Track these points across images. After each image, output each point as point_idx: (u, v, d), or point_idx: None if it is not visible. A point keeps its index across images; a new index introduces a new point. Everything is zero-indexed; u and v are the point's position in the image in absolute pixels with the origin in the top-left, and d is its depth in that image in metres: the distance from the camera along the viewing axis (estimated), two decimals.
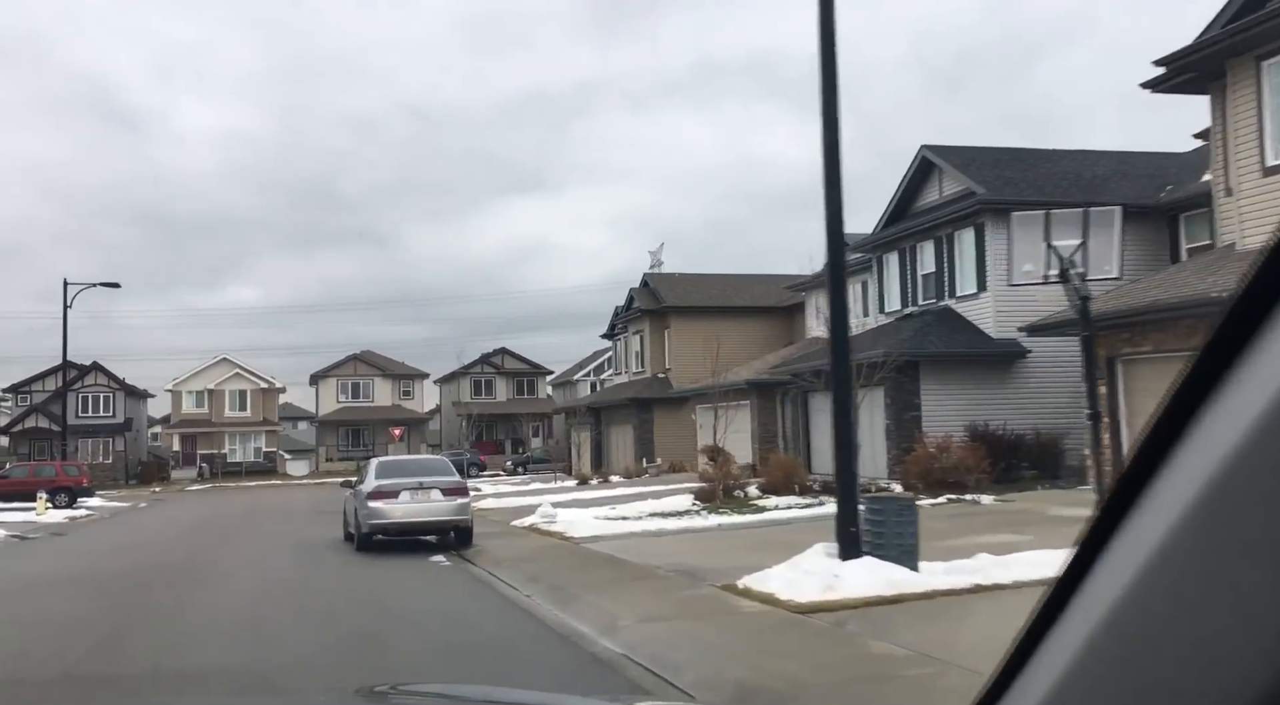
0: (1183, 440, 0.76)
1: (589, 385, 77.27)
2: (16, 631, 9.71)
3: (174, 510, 35.63)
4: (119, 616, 10.19)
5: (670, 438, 39.65)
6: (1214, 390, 0.74)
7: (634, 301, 43.52)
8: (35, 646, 8.74)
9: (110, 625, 9.70)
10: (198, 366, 68.97)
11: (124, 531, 24.84)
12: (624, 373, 49.12)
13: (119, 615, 10.26)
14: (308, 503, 36.63)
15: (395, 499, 15.76)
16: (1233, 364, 0.73)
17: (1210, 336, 0.74)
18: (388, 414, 71.23)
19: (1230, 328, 0.73)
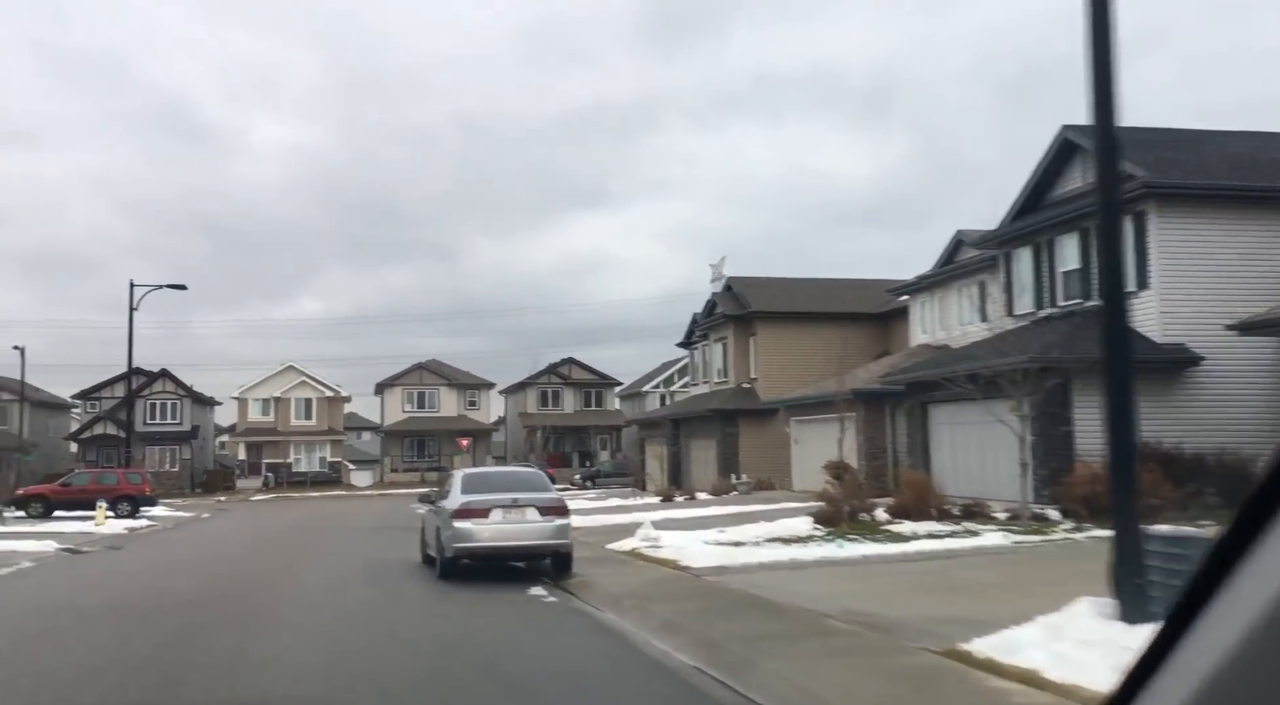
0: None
1: (659, 397, 74.98)
2: (25, 683, 7.60)
3: (237, 522, 33.99)
4: (152, 670, 8.02)
5: (756, 452, 37.10)
6: None
7: (716, 307, 41.08)
8: None
9: (137, 683, 7.54)
10: (264, 374, 68.06)
11: (182, 547, 23.03)
12: (702, 383, 46.69)
13: (152, 668, 8.10)
14: (375, 516, 34.77)
15: (485, 518, 13.52)
16: None
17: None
18: (453, 424, 69.61)
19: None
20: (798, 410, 31.55)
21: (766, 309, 38.24)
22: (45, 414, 68.63)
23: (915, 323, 31.72)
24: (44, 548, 21.44)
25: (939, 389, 23.12)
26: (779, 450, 36.99)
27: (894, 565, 12.92)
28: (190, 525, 33.03)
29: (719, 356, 41.27)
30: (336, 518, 33.85)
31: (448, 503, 14.21)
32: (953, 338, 28.35)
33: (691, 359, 49.26)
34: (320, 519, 33.39)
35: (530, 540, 13.67)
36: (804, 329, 38.15)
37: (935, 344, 29.31)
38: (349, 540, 23.09)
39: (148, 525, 31.22)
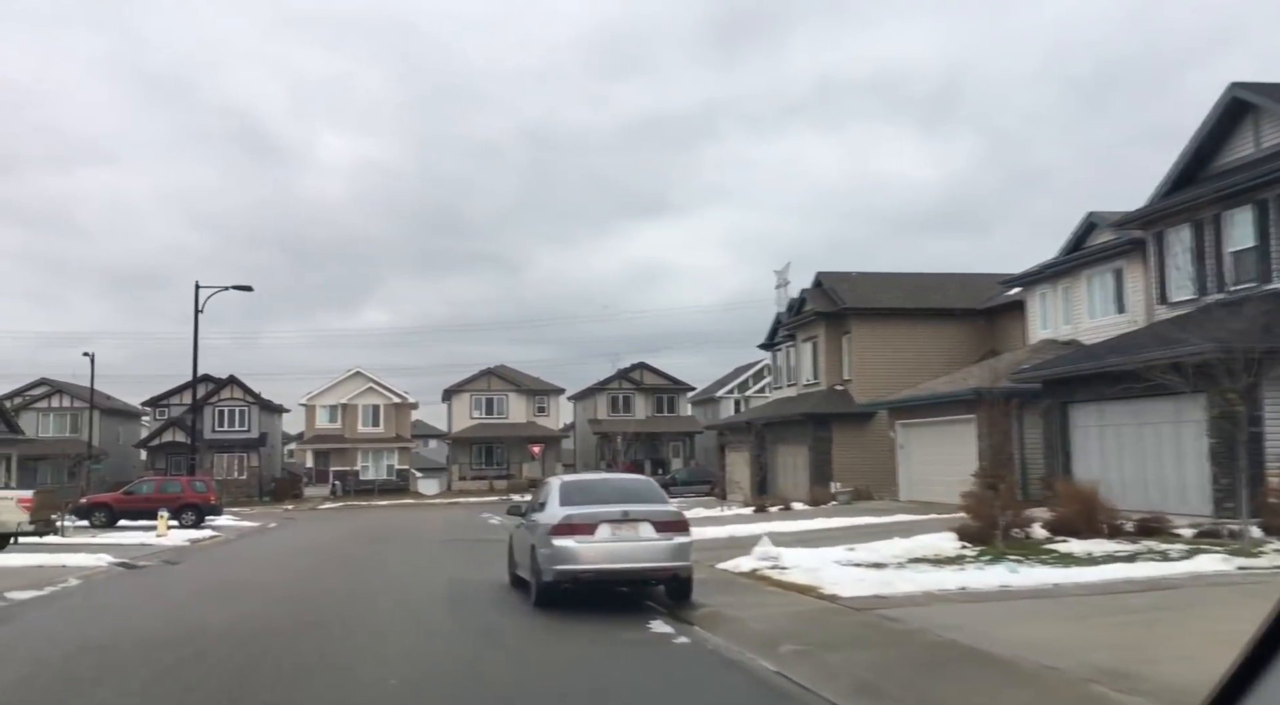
0: None
1: (733, 403, 72.45)
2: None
3: (303, 533, 32.30)
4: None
5: (851, 459, 34.45)
6: None
7: (804, 304, 38.53)
8: None
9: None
10: (331, 381, 67.02)
11: (244, 562, 21.21)
12: (787, 386, 44.12)
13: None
14: (446, 527, 32.83)
15: (591, 535, 11.26)
16: None
17: None
18: (522, 431, 67.85)
19: None
20: (904, 413, 28.90)
21: (861, 305, 35.59)
22: (116, 422, 68.46)
23: (1034, 317, 28.84)
24: (96, 562, 19.75)
25: (1083, 388, 20.36)
26: (877, 457, 34.29)
27: (1099, 598, 10.36)
28: (254, 536, 31.41)
29: (808, 357, 38.69)
30: (406, 529, 32.01)
31: (544, 516, 11.99)
32: (1081, 332, 25.49)
33: (774, 361, 46.72)
34: (389, 530, 31.56)
35: (645, 562, 11.36)
36: (901, 326, 35.46)
37: (1061, 339, 26.45)
38: (423, 555, 21.06)
39: (211, 536, 29.64)
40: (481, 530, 30.35)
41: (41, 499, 21.76)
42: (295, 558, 21.31)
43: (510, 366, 72.57)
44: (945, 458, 26.30)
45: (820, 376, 37.34)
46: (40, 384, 64.84)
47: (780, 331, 44.86)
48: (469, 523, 35.73)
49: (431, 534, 28.69)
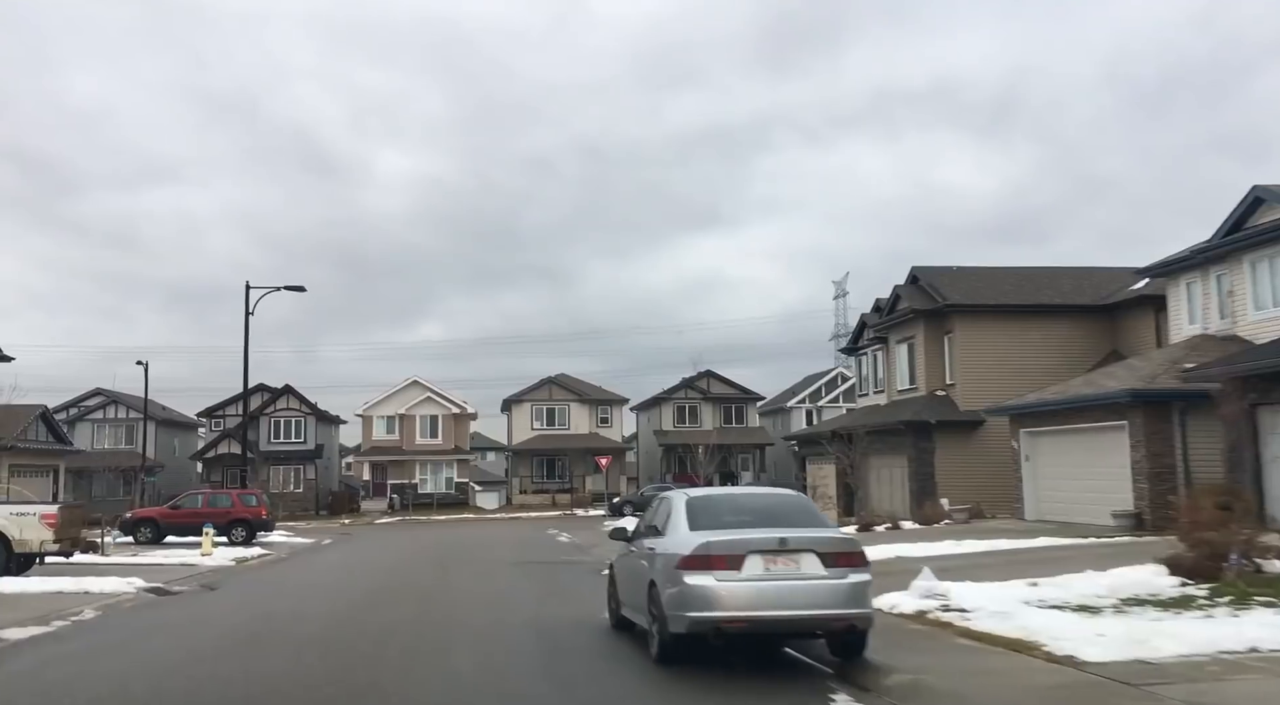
0: None
1: (804, 413, 69.08)
2: None
3: (359, 552, 29.76)
4: None
5: (957, 472, 31.06)
6: None
7: (898, 303, 35.25)
8: None
9: None
10: (388, 391, 64.96)
11: (290, 590, 18.56)
12: (874, 393, 40.80)
13: None
14: (513, 545, 30.08)
15: (737, 571, 8.27)
16: None
17: None
18: (584, 442, 65.10)
19: None
20: (1030, 420, 25.53)
21: (966, 302, 32.23)
22: (172, 433, 67.12)
23: (1178, 311, 25.31)
24: (125, 587, 17.24)
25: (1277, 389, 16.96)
26: (987, 469, 30.90)
27: None
28: (307, 555, 28.93)
29: (903, 360, 35.37)
30: (471, 548, 29.31)
31: (668, 543, 9.04)
32: (1244, 327, 21.95)
33: (859, 367, 43.42)
34: (453, 549, 28.90)
35: (812, 608, 8.29)
36: (1011, 325, 32.03)
37: (1216, 335, 22.94)
38: (496, 582, 18.23)
39: (260, 555, 27.19)
40: (554, 550, 27.56)
41: (68, 515, 19.35)
42: (348, 584, 18.62)
43: (571, 376, 70.00)
44: (1086, 471, 22.93)
45: (918, 381, 34.01)
46: (95, 394, 63.68)
47: (866, 334, 41.59)
48: (537, 541, 33.00)
49: (500, 554, 25.95)
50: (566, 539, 33.18)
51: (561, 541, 32.21)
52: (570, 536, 34.43)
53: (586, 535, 34.20)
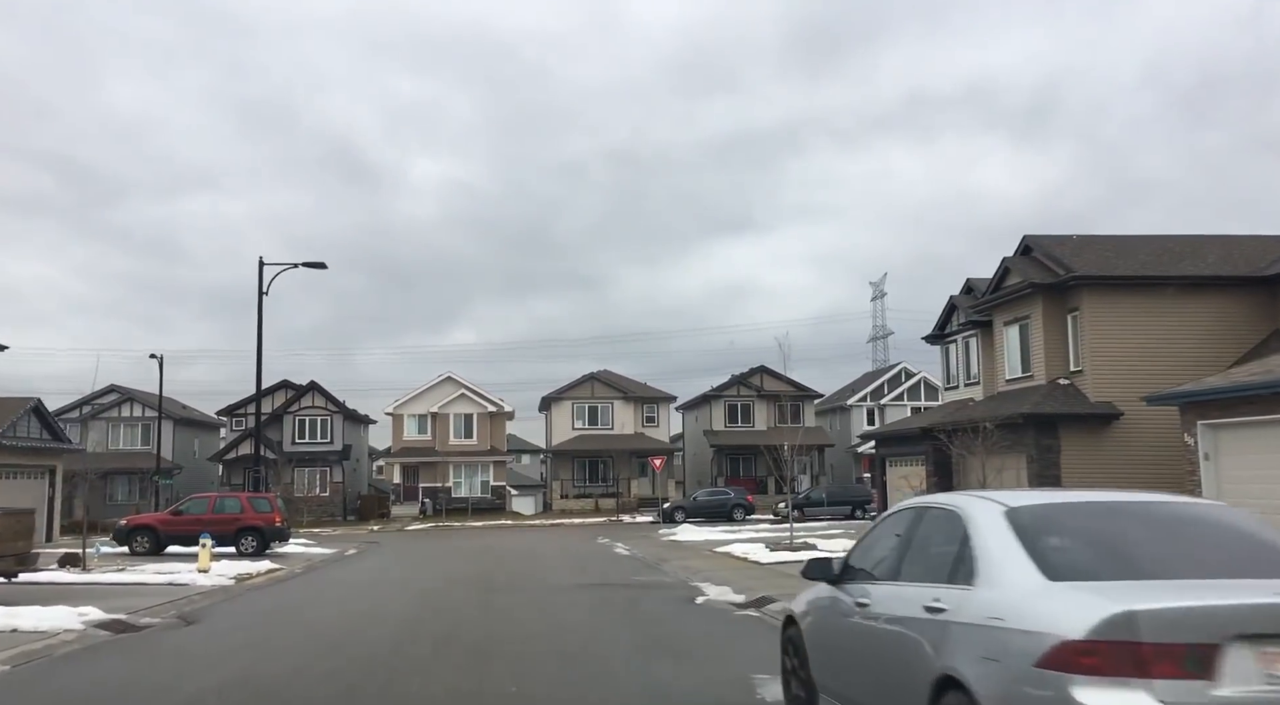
0: None
1: (865, 412, 64.23)
2: None
3: (386, 566, 25.38)
4: None
5: (1088, 473, 26.18)
6: None
7: (1006, 277, 30.43)
8: None
9: None
10: (420, 387, 60.81)
11: (289, 624, 14.10)
12: (966, 385, 35.96)
13: None
14: (567, 559, 25.59)
15: (1206, 677, 3.67)
16: None
17: None
18: (629, 443, 60.60)
19: None
20: (1212, 410, 20.67)
21: (1097, 274, 27.36)
22: (191, 433, 63.38)
23: None
24: (72, 621, 12.95)
25: None
26: (1124, 469, 26.09)
27: None
28: (324, 570, 24.57)
29: (1014, 345, 30.48)
30: (517, 562, 24.86)
31: (987, 601, 4.42)
32: None
33: (944, 358, 38.56)
34: (496, 563, 24.45)
35: None
36: (1151, 301, 27.13)
37: None
38: (563, 619, 13.59)
39: (268, 571, 22.88)
40: (616, 566, 23.07)
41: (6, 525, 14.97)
42: (365, 620, 14.14)
43: (615, 372, 65.55)
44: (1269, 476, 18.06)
45: (1034, 368, 29.14)
46: (109, 391, 60.02)
47: (956, 319, 36.74)
48: (591, 553, 28.52)
49: (554, 571, 21.45)
50: (625, 551, 28.67)
51: (620, 553, 27.70)
52: (627, 547, 29.92)
53: (645, 547, 29.67)
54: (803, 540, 25.65)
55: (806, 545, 24.94)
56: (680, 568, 21.45)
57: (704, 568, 20.92)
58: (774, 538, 30.40)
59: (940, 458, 34.64)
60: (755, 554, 23.74)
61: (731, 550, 25.11)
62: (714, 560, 23.24)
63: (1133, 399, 26.62)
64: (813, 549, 24.45)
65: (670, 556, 24.94)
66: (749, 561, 22.07)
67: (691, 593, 16.31)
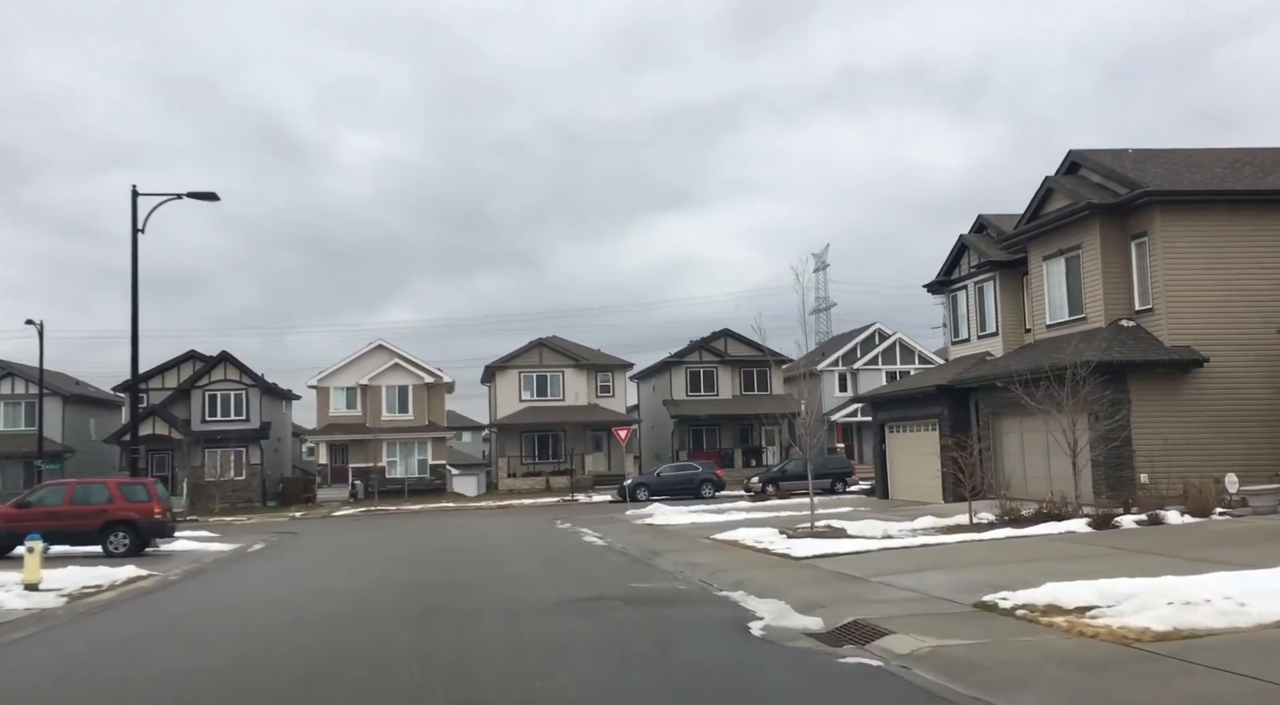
0: None
1: (837, 377, 59.53)
2: None
3: (295, 568, 19.60)
4: None
5: (1164, 435, 21.36)
6: None
7: (1048, 199, 25.51)
8: None
9: None
10: (349, 356, 54.48)
11: (94, 691, 8.36)
12: (980, 337, 31.22)
13: None
14: (529, 553, 20.05)
15: None
16: None
17: None
18: (583, 415, 55.06)
19: None
20: None
21: (1175, 188, 22.50)
22: (86, 412, 56.23)
23: None
24: None
25: None
26: (1210, 426, 21.49)
27: None
28: (208, 579, 18.66)
29: (1056, 282, 25.54)
30: (465, 558, 19.26)
31: None
32: None
33: (951, 307, 33.71)
34: (439, 561, 18.85)
35: None
36: (1240, 222, 22.43)
37: None
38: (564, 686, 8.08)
39: (128, 580, 16.96)
40: (597, 562, 17.63)
41: None
42: (227, 677, 8.49)
43: (565, 338, 59.86)
44: None
45: (1090, 308, 24.24)
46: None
47: (968, 260, 31.86)
48: (556, 542, 23.07)
49: (521, 574, 15.89)
50: (597, 539, 23.25)
51: (593, 543, 22.27)
52: (597, 534, 24.53)
53: (620, 533, 24.31)
54: (825, 523, 20.43)
55: (832, 529, 19.76)
56: (685, 565, 16.10)
57: (719, 565, 15.59)
58: (778, 518, 25.21)
59: (958, 420, 29.81)
60: (773, 542, 18.49)
61: (738, 537, 19.84)
62: (723, 553, 17.90)
63: (1218, 342, 21.93)
64: (843, 535, 19.29)
65: (661, 547, 19.59)
66: (774, 555, 16.77)
67: (735, 613, 10.95)
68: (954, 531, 19.29)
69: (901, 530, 20.09)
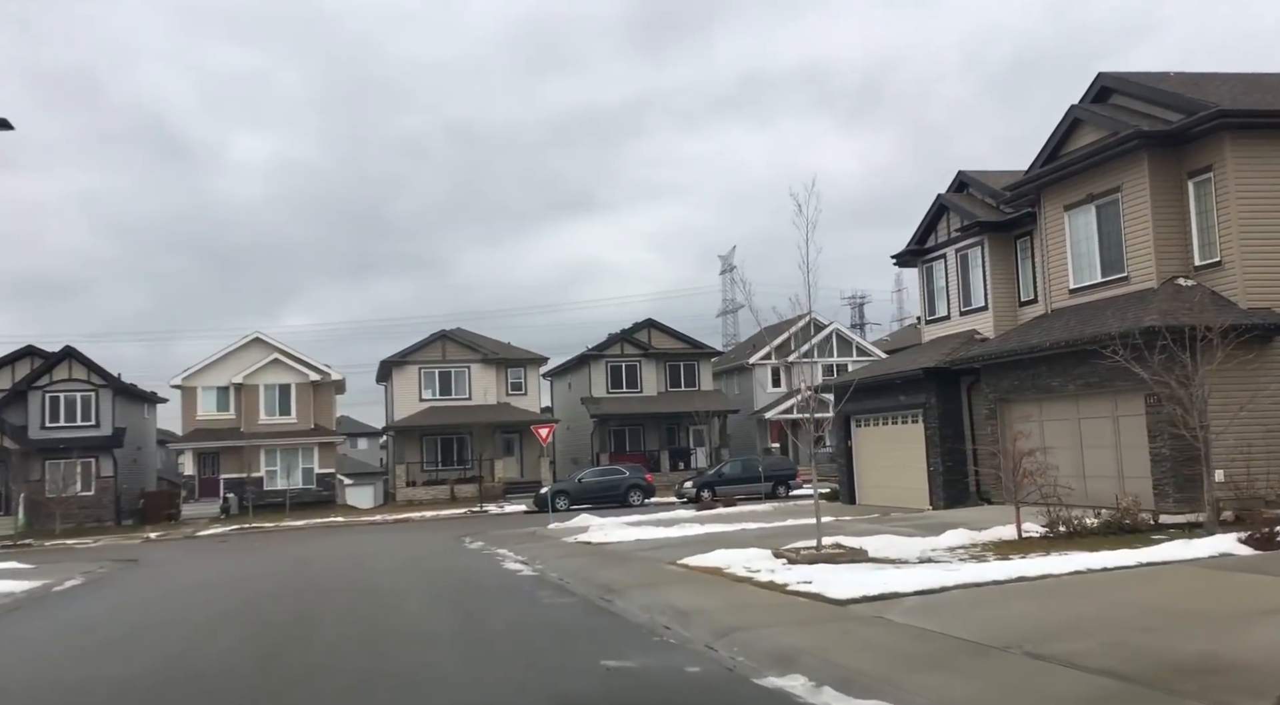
0: None
1: (770, 372, 54.87)
2: None
3: (96, 627, 13.39)
4: None
5: (1251, 420, 16.81)
6: None
7: (1074, 133, 20.90)
8: None
9: None
10: (220, 351, 47.44)
11: None
12: (962, 314, 26.73)
13: None
14: (430, 591, 14.26)
15: None
16: None
17: None
18: (492, 415, 49.12)
19: None
20: None
21: (1256, 108, 18.03)
22: None
23: None
24: None
25: None
26: None
27: None
28: None
29: (1085, 234, 20.89)
30: (342, 603, 13.41)
31: None
32: None
33: (926, 280, 29.10)
34: (301, 611, 12.99)
35: None
36: None
37: None
38: None
39: None
40: (536, 613, 11.98)
41: None
42: None
43: (471, 330, 53.80)
44: None
45: (1134, 264, 19.60)
46: None
47: (947, 225, 27.31)
48: (464, 569, 17.34)
49: (420, 630, 10.21)
50: (523, 567, 17.61)
51: (521, 575, 16.60)
52: (521, 558, 18.94)
53: (549, 556, 18.75)
54: (832, 540, 15.20)
55: (847, 550, 14.57)
56: (667, 614, 10.69)
57: (720, 615, 10.22)
58: (749, 533, 19.94)
59: (947, 411, 25.11)
60: (775, 571, 13.24)
61: (718, 563, 14.52)
62: (712, 590, 12.50)
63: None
64: (864, 559, 14.15)
65: (615, 579, 14.12)
66: (795, 594, 11.42)
67: None
68: (1012, 550, 14.33)
69: (938, 550, 15.03)
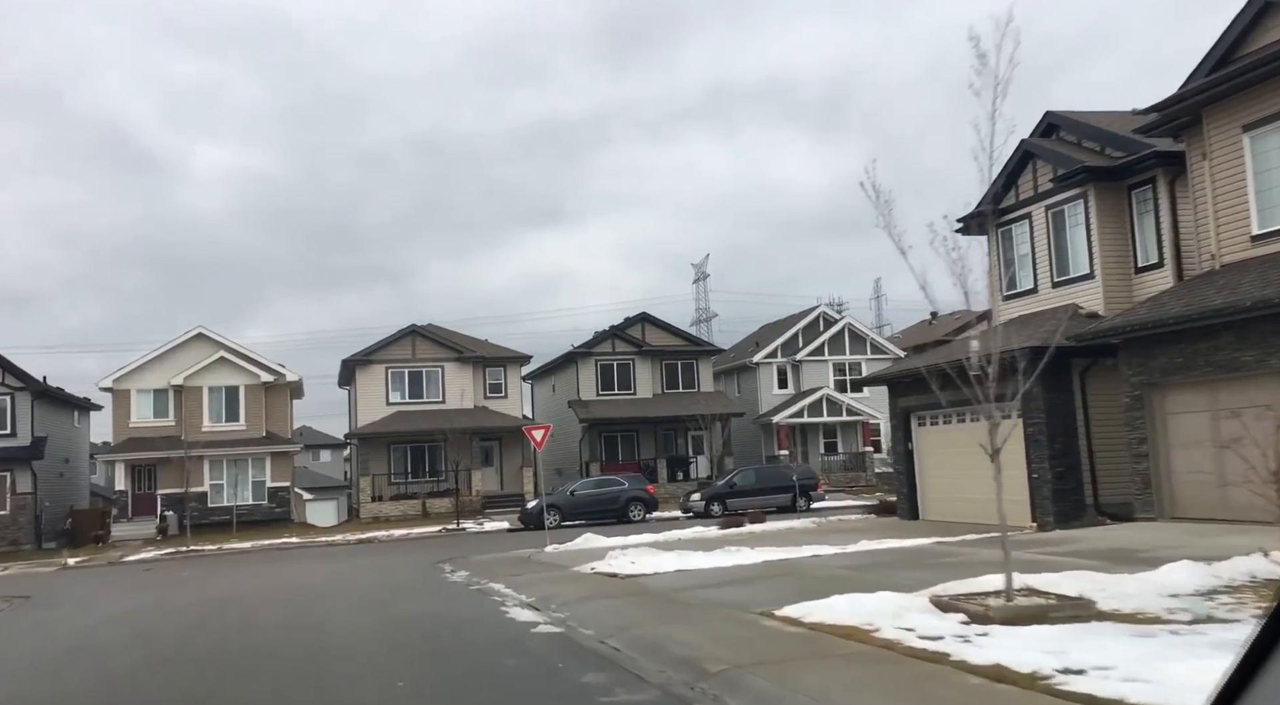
0: None
1: (775, 371, 49.89)
2: None
3: None
4: None
5: None
6: None
7: (1254, 29, 16.03)
8: None
9: None
10: (158, 348, 41.71)
11: None
12: (1055, 286, 21.97)
13: None
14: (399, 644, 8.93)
15: None
16: None
17: None
18: (469, 420, 43.70)
19: None
20: None
21: None
22: None
23: None
24: None
25: None
26: None
27: None
28: None
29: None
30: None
31: None
32: None
33: (1002, 246, 24.27)
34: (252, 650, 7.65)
35: None
36: None
37: None
38: None
39: None
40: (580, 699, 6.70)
41: None
42: None
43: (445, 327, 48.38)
44: None
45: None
46: None
47: (1034, 178, 22.47)
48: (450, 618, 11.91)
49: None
50: (528, 611, 12.25)
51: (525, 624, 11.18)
52: (517, 596, 13.65)
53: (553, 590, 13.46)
54: (1023, 583, 10.04)
55: (1050, 599, 9.46)
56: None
57: None
58: (834, 558, 14.75)
59: (1055, 403, 20.13)
60: (969, 639, 8.10)
61: (850, 619, 9.39)
62: (886, 680, 7.26)
63: None
64: (1092, 614, 9.05)
65: (691, 644, 8.91)
66: (1070, 701, 6.23)
67: None
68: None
69: (1180, 596, 9.95)
